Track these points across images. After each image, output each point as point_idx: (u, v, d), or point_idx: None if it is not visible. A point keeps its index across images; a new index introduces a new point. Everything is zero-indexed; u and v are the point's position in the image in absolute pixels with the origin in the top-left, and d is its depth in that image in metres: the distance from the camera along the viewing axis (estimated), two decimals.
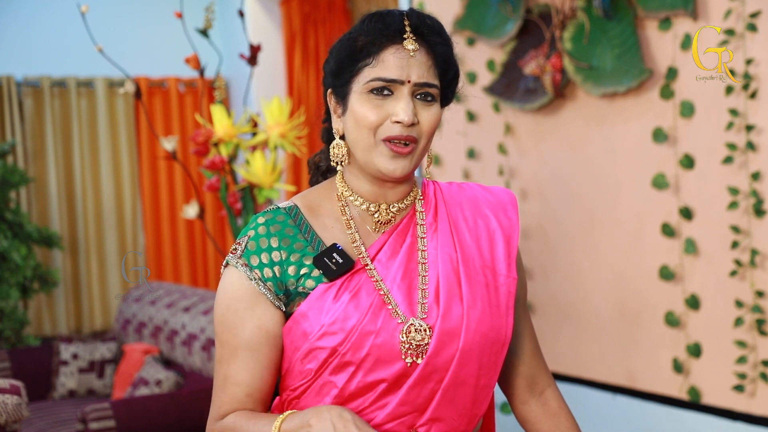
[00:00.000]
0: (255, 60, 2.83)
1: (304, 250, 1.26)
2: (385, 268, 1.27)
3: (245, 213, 2.77)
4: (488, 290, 1.29)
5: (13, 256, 4.52)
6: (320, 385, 1.24)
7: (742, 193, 2.71)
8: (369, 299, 1.23)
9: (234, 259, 1.26)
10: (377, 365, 1.22)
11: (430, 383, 1.24)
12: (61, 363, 4.23)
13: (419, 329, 1.23)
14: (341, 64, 1.26)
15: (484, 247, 1.32)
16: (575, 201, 3.30)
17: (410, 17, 1.25)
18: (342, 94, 1.27)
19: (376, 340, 1.21)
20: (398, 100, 1.23)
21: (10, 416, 2.57)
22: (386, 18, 1.25)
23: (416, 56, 1.23)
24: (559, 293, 3.40)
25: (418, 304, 1.25)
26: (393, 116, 1.23)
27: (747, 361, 2.73)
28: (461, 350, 1.24)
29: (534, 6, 3.30)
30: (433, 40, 1.26)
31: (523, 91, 3.38)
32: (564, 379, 3.40)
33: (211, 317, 3.75)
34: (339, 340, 1.21)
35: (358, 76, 1.24)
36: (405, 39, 1.23)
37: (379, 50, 1.23)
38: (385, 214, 1.31)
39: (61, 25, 5.07)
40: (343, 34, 1.30)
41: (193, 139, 2.74)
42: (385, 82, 1.23)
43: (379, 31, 1.23)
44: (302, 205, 1.31)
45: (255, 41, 3.49)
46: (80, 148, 5.31)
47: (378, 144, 1.24)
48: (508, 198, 1.39)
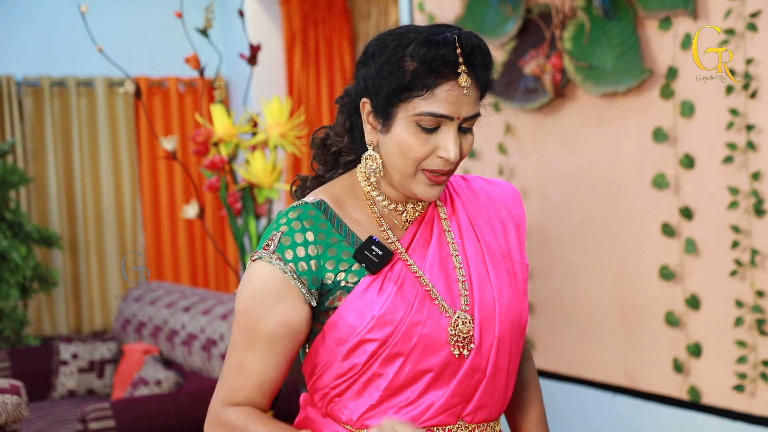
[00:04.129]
0: (255, 60, 2.83)
1: (340, 245, 1.27)
2: (420, 258, 1.29)
3: (245, 213, 2.77)
4: (510, 277, 1.33)
5: (12, 256, 4.51)
6: (367, 379, 1.24)
7: (742, 192, 2.71)
8: (413, 290, 1.25)
9: (267, 254, 1.24)
10: (424, 355, 1.24)
11: (477, 373, 1.27)
12: (61, 363, 4.23)
13: (465, 321, 1.26)
14: (389, 86, 1.24)
15: (499, 236, 1.36)
16: (575, 201, 3.30)
17: (462, 45, 1.22)
18: (385, 114, 1.25)
19: (423, 330, 1.23)
20: (446, 136, 1.23)
21: (10, 416, 2.57)
22: (441, 48, 1.21)
23: (468, 92, 1.23)
24: (559, 293, 3.40)
25: (460, 296, 1.28)
26: (440, 151, 1.23)
27: (747, 361, 2.73)
28: (497, 338, 1.28)
29: (534, 6, 3.30)
30: (482, 72, 1.25)
31: (523, 91, 3.38)
32: (564, 379, 3.40)
33: (211, 317, 3.74)
34: (389, 332, 1.22)
35: (407, 104, 1.23)
36: (459, 74, 1.21)
37: (433, 85, 1.21)
38: (411, 213, 1.33)
39: (61, 25, 5.07)
40: (384, 36, 1.27)
41: (193, 139, 2.74)
42: (437, 118, 1.22)
43: (436, 65, 1.21)
44: (329, 200, 1.31)
45: (255, 41, 3.48)
46: (80, 148, 5.31)
47: (418, 172, 1.25)
48: (512, 191, 1.44)
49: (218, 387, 1.28)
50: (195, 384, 3.66)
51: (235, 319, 1.27)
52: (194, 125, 5.40)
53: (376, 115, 1.27)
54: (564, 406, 3.41)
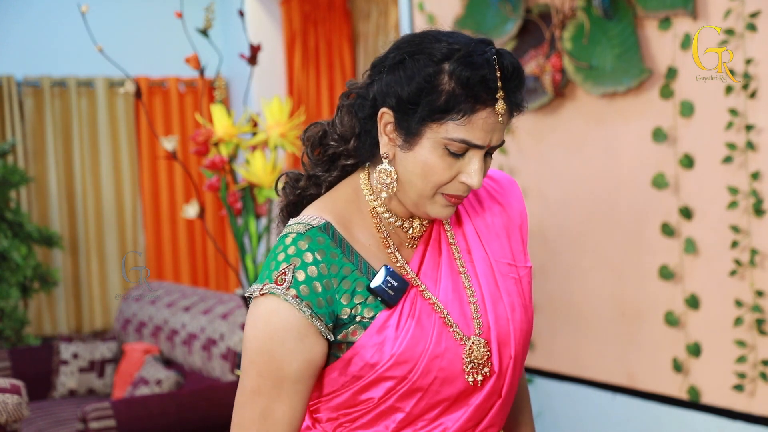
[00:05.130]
0: (255, 60, 2.83)
1: (353, 275, 1.19)
2: (433, 283, 1.23)
3: (245, 213, 2.77)
4: (517, 287, 1.28)
5: (13, 255, 4.52)
6: (382, 411, 1.20)
7: (741, 192, 2.71)
8: (430, 321, 1.19)
9: (281, 291, 1.15)
10: (443, 386, 1.20)
11: (494, 396, 1.24)
12: (62, 362, 4.23)
13: (480, 346, 1.21)
14: (422, 105, 1.15)
15: (503, 241, 1.31)
16: (575, 201, 3.31)
17: (502, 68, 1.15)
18: (409, 131, 1.17)
19: (442, 363, 1.19)
20: (473, 163, 1.17)
21: (10, 416, 2.57)
22: (482, 70, 1.13)
23: (503, 119, 1.17)
24: (559, 293, 3.40)
25: (473, 319, 1.23)
26: (463, 176, 1.18)
27: (747, 361, 2.73)
28: (513, 358, 1.24)
29: (534, 6, 3.30)
30: (516, 96, 1.18)
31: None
32: (564, 379, 3.41)
33: (211, 317, 3.74)
34: (409, 368, 1.17)
35: (439, 126, 1.15)
36: (497, 101, 1.15)
37: (471, 111, 1.14)
38: (419, 229, 1.27)
39: (61, 25, 5.07)
40: (415, 41, 1.18)
41: (193, 139, 2.74)
42: (470, 146, 1.16)
43: (477, 91, 1.13)
44: (335, 222, 1.22)
45: (255, 41, 3.49)
46: (80, 148, 5.31)
47: (436, 195, 1.19)
48: (511, 185, 1.38)
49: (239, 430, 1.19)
50: (195, 383, 3.66)
51: (250, 364, 1.17)
52: (194, 125, 5.41)
53: (398, 129, 1.18)
54: (564, 406, 3.42)
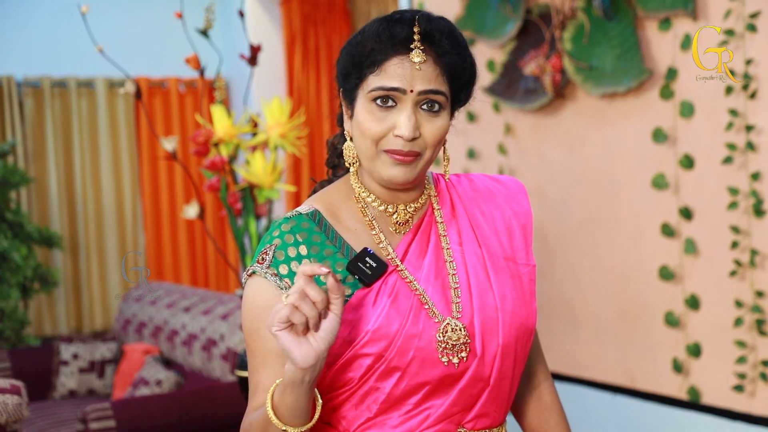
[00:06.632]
0: (255, 60, 2.83)
1: (335, 257, 1.23)
2: (416, 269, 1.25)
3: (245, 213, 2.77)
4: (514, 281, 1.29)
5: (13, 256, 4.52)
6: (364, 392, 1.22)
7: (741, 193, 2.71)
8: (408, 302, 1.22)
9: (262, 269, 1.21)
10: (422, 368, 1.21)
11: (480, 382, 1.24)
12: (62, 363, 4.23)
13: (455, 328, 1.22)
14: (349, 68, 1.23)
15: (503, 239, 1.32)
16: (575, 201, 3.31)
17: (420, 23, 1.20)
18: (350, 98, 1.24)
19: (419, 343, 1.20)
20: (401, 112, 1.20)
21: (10, 416, 2.57)
22: (395, 26, 1.20)
23: (423, 68, 1.19)
24: (559, 293, 3.40)
25: (452, 303, 1.24)
26: (395, 129, 1.20)
27: (747, 361, 2.73)
28: (501, 346, 1.25)
29: (534, 6, 3.30)
30: (443, 50, 1.21)
31: (523, 92, 3.38)
32: (564, 379, 3.41)
33: (211, 318, 3.75)
34: (384, 346, 1.19)
35: (363, 83, 1.21)
36: (412, 50, 1.19)
37: (383, 60, 1.19)
38: (403, 215, 1.29)
39: (62, 25, 5.08)
40: (355, 33, 1.26)
41: (193, 140, 2.74)
42: (387, 91, 1.19)
43: (386, 40, 1.19)
44: (323, 209, 1.27)
45: (255, 41, 3.49)
46: (80, 148, 5.31)
47: (380, 153, 1.22)
48: (517, 187, 1.40)
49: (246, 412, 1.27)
50: (195, 384, 3.66)
51: (246, 343, 1.25)
52: (194, 126, 5.41)
53: (346, 102, 1.26)
54: (564, 406, 3.41)
